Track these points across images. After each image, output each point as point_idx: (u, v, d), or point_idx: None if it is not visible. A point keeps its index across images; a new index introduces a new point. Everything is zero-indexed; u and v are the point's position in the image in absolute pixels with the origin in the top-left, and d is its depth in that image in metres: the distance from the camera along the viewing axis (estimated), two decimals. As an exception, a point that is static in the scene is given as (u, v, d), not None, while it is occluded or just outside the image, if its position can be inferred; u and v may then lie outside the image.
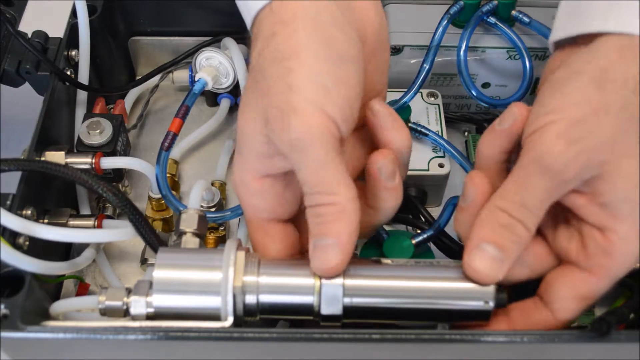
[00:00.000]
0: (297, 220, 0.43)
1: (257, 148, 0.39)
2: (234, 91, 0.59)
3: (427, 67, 0.57)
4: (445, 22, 0.57)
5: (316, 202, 0.37)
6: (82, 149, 0.52)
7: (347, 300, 0.38)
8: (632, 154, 0.36)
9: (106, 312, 0.39)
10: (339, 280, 0.38)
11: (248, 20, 0.41)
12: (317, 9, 0.38)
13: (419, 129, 0.55)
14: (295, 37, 0.37)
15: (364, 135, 0.42)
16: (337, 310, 0.38)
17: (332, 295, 0.38)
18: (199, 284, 0.38)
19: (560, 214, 0.40)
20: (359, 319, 0.40)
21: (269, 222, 0.42)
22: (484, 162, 0.42)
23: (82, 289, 0.51)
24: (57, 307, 0.43)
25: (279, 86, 0.37)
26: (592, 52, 0.38)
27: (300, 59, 0.36)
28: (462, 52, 0.57)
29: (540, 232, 0.41)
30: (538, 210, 0.37)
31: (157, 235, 0.43)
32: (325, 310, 0.38)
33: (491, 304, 0.39)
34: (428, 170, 0.55)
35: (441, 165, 0.55)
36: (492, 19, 0.58)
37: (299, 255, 0.42)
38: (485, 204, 0.39)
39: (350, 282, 0.38)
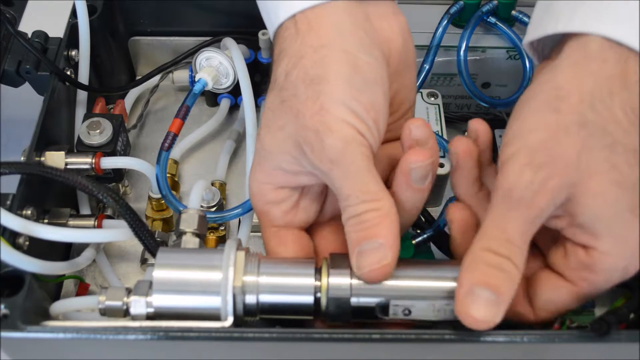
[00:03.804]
0: (312, 230, 0.44)
1: (283, 166, 0.40)
2: (234, 91, 0.59)
3: (427, 67, 0.57)
4: (445, 22, 0.57)
5: (361, 211, 0.37)
6: (82, 149, 0.52)
7: (354, 300, 0.38)
8: (598, 170, 0.36)
9: (106, 312, 0.39)
10: (346, 280, 0.38)
11: (270, 29, 0.42)
12: (344, 34, 0.38)
13: (419, 129, 0.55)
14: (324, 63, 0.38)
15: (381, 151, 0.42)
16: (344, 310, 0.38)
17: (339, 295, 0.38)
18: (199, 284, 0.38)
19: (544, 229, 0.39)
20: (366, 319, 0.40)
21: (283, 229, 0.42)
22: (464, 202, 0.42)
23: (82, 289, 0.51)
24: (57, 307, 0.43)
25: (310, 108, 0.37)
26: (552, 69, 0.38)
27: (330, 85, 0.37)
28: (462, 52, 0.57)
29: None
30: (522, 243, 0.37)
31: (157, 242, 0.42)
32: (332, 310, 0.38)
33: None
34: (428, 170, 0.55)
35: (441, 165, 0.55)
36: (492, 19, 0.58)
37: None
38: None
39: (357, 281, 0.38)
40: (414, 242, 0.49)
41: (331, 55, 0.38)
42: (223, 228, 0.54)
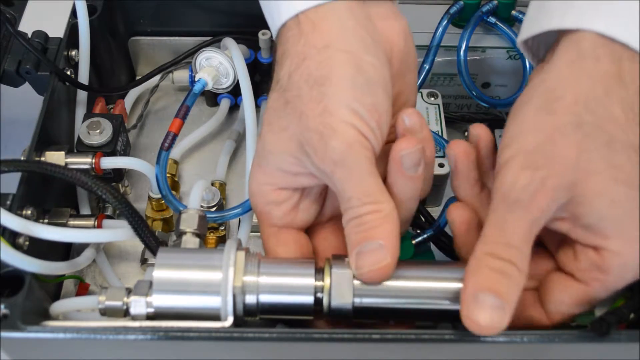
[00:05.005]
0: (311, 231, 0.44)
1: (284, 167, 0.40)
2: (234, 91, 0.59)
3: (427, 67, 0.57)
4: (445, 22, 0.58)
5: (362, 212, 0.37)
6: (82, 149, 0.52)
7: (356, 300, 0.38)
8: (597, 170, 0.35)
9: (106, 312, 0.39)
10: (348, 280, 0.38)
11: (272, 29, 0.42)
12: (347, 34, 0.38)
13: (419, 129, 0.55)
14: (328, 65, 0.38)
15: (383, 151, 0.42)
16: (347, 310, 0.38)
17: (341, 295, 0.38)
18: (199, 284, 0.38)
19: (552, 230, 0.39)
20: (369, 319, 0.40)
21: (282, 229, 0.42)
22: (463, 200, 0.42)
23: (82, 289, 0.51)
24: (57, 307, 0.43)
25: (314, 110, 0.37)
26: (545, 71, 0.38)
27: (334, 86, 0.37)
28: (462, 52, 0.57)
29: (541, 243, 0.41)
30: (524, 246, 0.36)
31: (157, 238, 0.42)
32: (334, 310, 0.38)
33: None
34: (428, 170, 0.55)
35: (441, 165, 0.55)
36: (492, 19, 0.58)
37: None
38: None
39: (359, 282, 0.38)
40: (414, 242, 0.49)
41: (334, 56, 0.38)
42: (223, 228, 0.54)
